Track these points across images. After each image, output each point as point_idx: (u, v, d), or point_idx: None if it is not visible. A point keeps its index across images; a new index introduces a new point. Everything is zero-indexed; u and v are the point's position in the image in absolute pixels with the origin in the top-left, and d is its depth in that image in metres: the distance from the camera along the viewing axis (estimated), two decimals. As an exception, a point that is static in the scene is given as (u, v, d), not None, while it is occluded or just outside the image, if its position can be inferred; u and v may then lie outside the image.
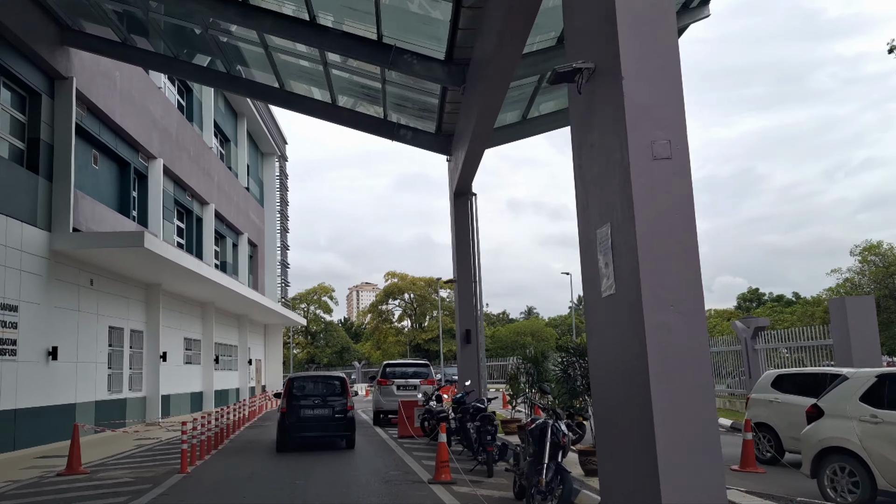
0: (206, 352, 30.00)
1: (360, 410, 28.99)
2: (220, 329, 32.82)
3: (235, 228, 36.10)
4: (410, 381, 20.92)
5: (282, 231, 44.92)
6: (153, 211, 23.96)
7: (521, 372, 14.19)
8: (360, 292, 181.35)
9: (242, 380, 36.59)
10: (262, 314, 37.83)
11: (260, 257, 41.75)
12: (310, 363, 67.02)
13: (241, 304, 32.09)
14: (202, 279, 23.47)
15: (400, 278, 61.71)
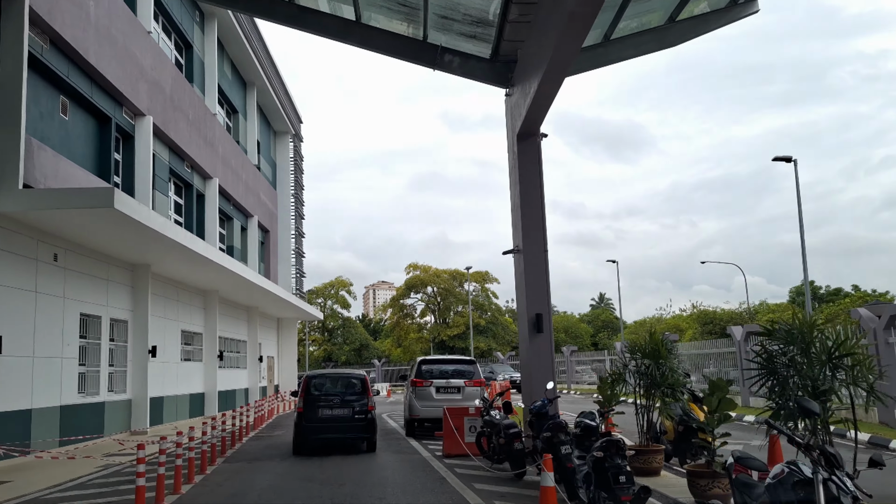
0: (209, 347, 26.12)
1: (385, 415, 25.03)
2: (226, 322, 28.96)
3: (244, 210, 32.23)
4: (453, 381, 16.86)
5: (296, 217, 41.01)
6: (141, 178, 20.08)
7: (630, 372, 9.98)
8: (376, 291, 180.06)
9: (252, 379, 32.73)
10: (275, 306, 33.97)
11: (272, 244, 37.89)
12: (327, 361, 63.18)
13: (249, 293, 28.22)
14: (200, 259, 19.56)
15: (422, 270, 57.66)
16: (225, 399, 28.49)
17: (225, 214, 29.94)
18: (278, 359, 40.05)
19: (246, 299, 30.21)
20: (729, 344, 25.47)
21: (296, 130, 42.37)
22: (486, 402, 11.70)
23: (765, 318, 34.54)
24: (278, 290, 30.03)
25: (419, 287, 57.73)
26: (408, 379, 19.55)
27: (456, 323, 55.21)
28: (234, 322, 30.46)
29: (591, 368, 42.60)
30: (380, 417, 23.78)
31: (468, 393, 16.62)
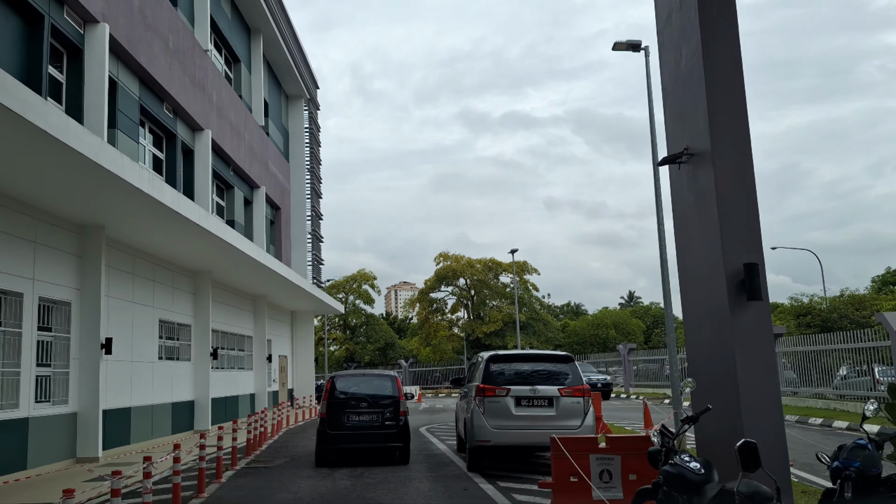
0: (199, 343, 20.59)
1: (423, 429, 19.35)
2: (224, 312, 23.44)
3: (248, 178, 26.70)
4: (541, 389, 11.02)
5: (313, 195, 35.43)
6: (93, 107, 14.55)
7: None
8: (398, 292, 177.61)
9: (260, 382, 27.20)
10: (287, 295, 28.42)
11: (284, 224, 32.35)
12: (349, 361, 57.64)
13: (253, 275, 22.70)
14: (175, 219, 14.04)
15: (454, 260, 51.83)
16: (223, 407, 22.95)
17: (223, 181, 24.43)
18: (293, 359, 34.53)
19: (250, 285, 24.69)
20: (875, 335, 19.40)
21: (311, 95, 36.82)
22: (666, 436, 5.84)
23: (889, 304, 28.35)
24: (290, 273, 24.44)
25: (450, 279, 51.89)
26: (465, 384, 13.88)
27: (492, 318, 49.32)
28: (236, 313, 24.94)
29: (674, 371, 36.59)
30: (416, 433, 18.17)
31: (565, 407, 10.83)
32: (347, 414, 12.29)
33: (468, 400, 12.03)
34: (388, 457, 12.91)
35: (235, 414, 24.24)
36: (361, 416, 12.33)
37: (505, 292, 50.67)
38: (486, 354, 12.09)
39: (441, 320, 54.32)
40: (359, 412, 12.35)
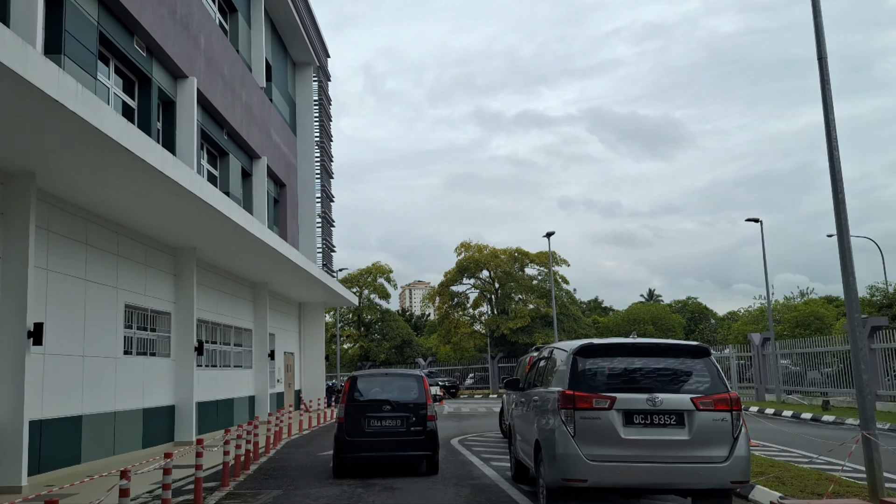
0: (181, 335, 16.88)
1: (455, 442, 15.54)
2: (214, 299, 19.76)
3: (246, 146, 23.00)
4: (664, 398, 7.00)
5: (323, 174, 31.68)
6: (22, 21, 10.85)
7: None
8: (412, 291, 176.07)
9: (260, 383, 23.49)
10: (293, 282, 24.71)
11: (289, 203, 28.64)
12: (363, 360, 53.97)
13: (251, 256, 19.02)
14: (124, 158, 10.31)
15: (476, 250, 47.88)
16: (213, 413, 19.26)
17: (215, 145, 20.74)
18: (300, 356, 30.83)
19: (248, 268, 20.98)
20: None
21: (321, 63, 33.07)
22: None
23: None
24: (295, 255, 20.67)
25: (472, 270, 47.92)
26: (523, 387, 10.04)
27: (519, 313, 45.31)
28: (231, 302, 21.24)
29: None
30: (447, 447, 14.49)
31: (704, 427, 6.85)
32: (368, 419, 10.99)
33: (536, 412, 8.20)
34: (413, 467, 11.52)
35: (229, 421, 20.54)
36: (384, 422, 11.03)
37: (532, 285, 46.70)
38: (568, 345, 8.18)
39: (462, 316, 50.42)
40: (381, 417, 11.02)
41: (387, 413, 11.01)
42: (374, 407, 11.05)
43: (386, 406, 11.05)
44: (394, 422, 11.01)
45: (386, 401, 11.13)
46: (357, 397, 11.28)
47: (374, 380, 11.87)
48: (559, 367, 7.84)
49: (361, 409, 11.06)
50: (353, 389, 11.38)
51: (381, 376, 12.15)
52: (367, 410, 11.03)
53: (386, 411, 11.02)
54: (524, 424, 9.16)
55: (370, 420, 10.97)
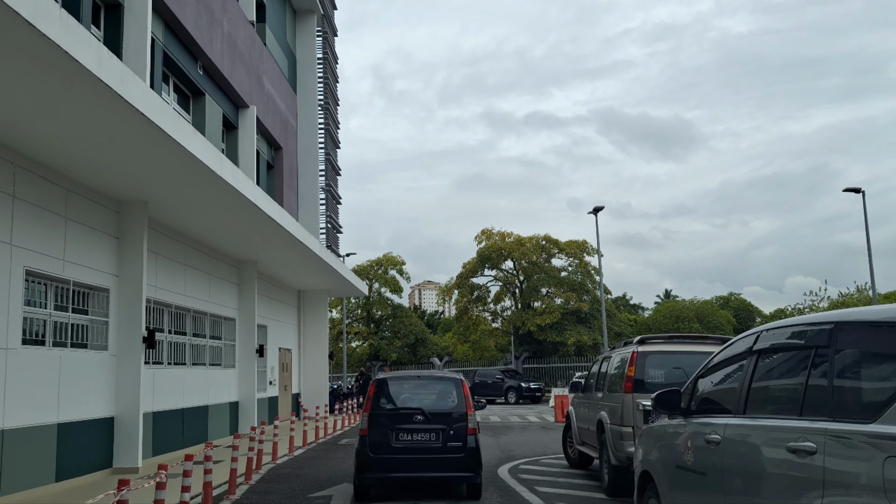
0: (125, 320, 12.27)
1: (504, 473, 10.82)
2: (179, 275, 15.14)
3: (229, 88, 18.43)
4: None
5: (328, 141, 27.04)
6: None
7: None
8: (422, 291, 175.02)
9: (246, 385, 18.87)
10: (289, 261, 20.11)
11: (287, 171, 24.03)
12: (373, 360, 49.33)
13: (228, 217, 14.43)
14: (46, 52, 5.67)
15: (500, 238, 43.13)
16: (177, 426, 14.66)
17: (185, 79, 16.16)
18: (300, 353, 26.20)
19: (228, 238, 16.38)
20: None
21: (326, 12, 28.41)
22: None
23: None
24: (288, 221, 15.99)
25: (494, 260, 43.14)
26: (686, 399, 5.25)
27: (548, 308, 40.50)
28: (205, 281, 16.64)
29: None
30: (492, 477, 10.23)
31: None
32: (396, 431, 9.21)
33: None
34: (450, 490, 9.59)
35: (201, 435, 15.95)
36: (415, 435, 9.20)
37: (561, 277, 41.90)
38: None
39: (482, 311, 45.69)
40: (412, 429, 9.21)
41: (419, 424, 9.21)
42: (404, 417, 9.29)
43: (418, 416, 9.25)
44: (427, 435, 9.18)
45: (418, 409, 9.33)
46: (383, 405, 9.54)
47: (403, 383, 10.08)
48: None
49: (388, 418, 9.35)
50: (378, 394, 9.62)
51: (412, 379, 10.33)
52: (395, 421, 9.28)
53: (418, 422, 9.22)
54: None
55: (398, 433, 9.19)
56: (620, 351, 9.77)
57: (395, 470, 9.07)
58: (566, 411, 12.55)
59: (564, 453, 12.43)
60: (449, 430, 9.13)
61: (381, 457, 9.08)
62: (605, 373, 10.23)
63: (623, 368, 9.06)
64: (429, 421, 9.17)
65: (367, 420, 9.33)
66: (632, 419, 8.55)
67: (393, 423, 9.20)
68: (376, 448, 9.12)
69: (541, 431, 19.08)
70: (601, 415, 9.53)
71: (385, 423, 9.23)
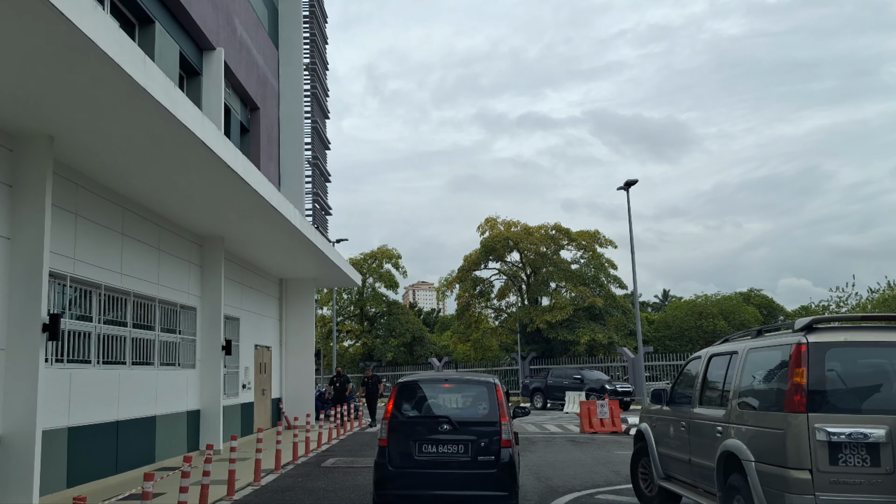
0: (16, 305, 8.71)
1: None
2: (108, 245, 11.58)
3: (189, 22, 14.90)
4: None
5: (314, 108, 23.51)
6: None
7: None
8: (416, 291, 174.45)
9: (209, 390, 15.30)
10: (265, 239, 16.57)
11: (265, 137, 20.48)
12: (367, 359, 45.75)
13: (182, 170, 10.89)
14: None
15: (505, 227, 39.63)
16: (108, 444, 11.12)
17: (129, 1, 12.60)
18: (282, 352, 22.63)
19: (184, 204, 12.83)
20: None
21: (314, -39, 24.88)
22: None
23: None
24: (261, 183, 12.43)
25: (500, 251, 39.62)
26: None
27: (560, 303, 36.98)
28: (152, 258, 13.07)
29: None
30: None
31: None
32: (419, 442, 7.99)
33: None
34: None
35: (148, 454, 12.39)
36: (440, 447, 7.97)
37: (572, 270, 38.42)
38: None
39: (485, 307, 42.19)
40: (437, 440, 7.96)
41: (445, 435, 7.95)
42: (428, 425, 8.09)
43: (444, 425, 8.02)
44: (454, 447, 7.93)
45: (444, 417, 8.12)
46: (405, 411, 8.38)
47: (428, 387, 8.81)
48: None
49: (411, 427, 8.16)
50: (400, 400, 8.46)
51: (437, 383, 8.92)
52: (418, 430, 8.09)
53: (444, 432, 7.97)
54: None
55: (422, 444, 8.00)
56: (761, 343, 6.27)
57: (417, 486, 7.96)
58: (637, 428, 9.03)
59: (635, 487, 8.92)
60: (479, 442, 7.93)
61: (402, 471, 8.02)
62: (723, 377, 6.73)
63: (781, 372, 5.57)
64: (456, 431, 7.99)
65: (386, 428, 8.21)
66: (808, 458, 5.08)
67: (416, 433, 8.11)
68: (397, 461, 8.06)
69: (573, 447, 15.60)
70: (731, 445, 6.02)
71: (407, 432, 8.16)
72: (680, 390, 7.88)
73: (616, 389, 27.70)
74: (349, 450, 15.50)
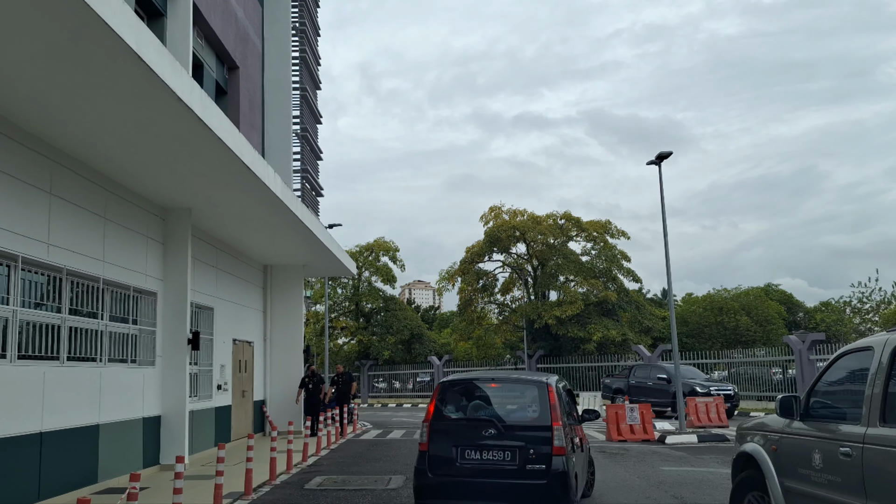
0: None
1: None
2: (29, 206, 9.01)
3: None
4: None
5: (304, 75, 20.98)
6: None
7: None
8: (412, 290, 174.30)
9: (173, 392, 12.74)
10: (241, 211, 14.04)
11: (245, 103, 17.93)
12: (363, 358, 43.20)
13: (131, 113, 8.32)
14: None
15: (511, 216, 37.07)
16: (21, 463, 8.53)
17: None
18: (267, 348, 20.06)
19: (138, 162, 10.30)
20: None
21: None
22: None
23: None
24: (231, 135, 9.93)
25: (505, 242, 37.06)
26: None
27: (570, 297, 34.44)
28: (86, 225, 10.52)
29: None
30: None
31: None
32: (462, 447, 7.30)
33: None
34: None
35: (89, 472, 9.85)
36: (485, 453, 7.24)
37: (582, 263, 35.90)
38: None
39: (489, 302, 39.65)
40: (481, 445, 7.22)
41: (490, 440, 7.21)
42: (472, 429, 7.38)
43: (489, 429, 7.27)
44: (500, 454, 7.17)
45: (488, 420, 7.37)
46: (448, 413, 7.68)
47: (473, 387, 7.98)
48: None
49: (453, 431, 7.50)
50: (442, 400, 7.73)
51: (484, 382, 8.02)
52: (460, 434, 7.41)
53: (489, 437, 7.23)
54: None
55: (465, 449, 7.29)
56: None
57: (458, 497, 7.32)
58: (741, 451, 6.50)
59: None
60: (528, 449, 7.18)
61: (443, 479, 7.38)
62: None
63: None
64: (502, 435, 7.30)
65: (427, 431, 7.60)
66: None
67: (458, 437, 7.46)
68: (437, 467, 7.43)
69: (607, 461, 13.07)
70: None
71: (449, 436, 7.52)
72: (827, 400, 5.37)
73: (709, 392, 22.00)
74: (340, 464, 12.97)
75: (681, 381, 19.26)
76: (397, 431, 19.81)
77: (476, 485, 7.17)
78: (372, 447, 15.87)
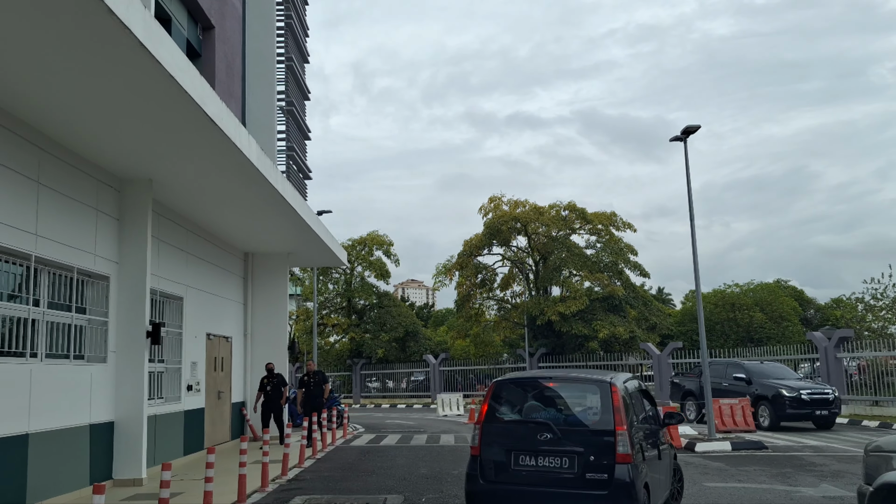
0: None
1: None
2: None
3: None
4: None
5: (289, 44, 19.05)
6: None
7: None
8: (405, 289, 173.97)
9: (129, 394, 10.82)
10: (211, 184, 12.13)
11: (222, 68, 16.02)
12: (356, 356, 41.28)
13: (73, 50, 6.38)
14: None
15: (511, 206, 35.18)
16: None
17: None
18: (247, 344, 18.15)
19: (75, 109, 8.38)
20: None
21: None
22: None
23: None
24: (191, 78, 8.06)
25: (505, 234, 35.16)
26: None
27: (575, 292, 32.57)
28: (12, 191, 8.62)
29: None
30: None
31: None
32: (515, 452, 6.75)
33: None
34: None
35: (14, 496, 7.91)
36: (541, 459, 6.61)
37: (587, 256, 34.05)
38: None
39: (488, 298, 37.78)
40: (536, 450, 6.64)
41: (545, 445, 6.59)
42: (527, 432, 6.79)
43: (544, 432, 6.64)
44: (556, 460, 6.52)
45: (545, 423, 6.74)
46: (501, 415, 7.12)
47: (530, 386, 7.43)
48: None
49: (507, 434, 6.98)
50: (495, 401, 7.19)
51: (542, 381, 7.55)
52: (515, 437, 6.88)
53: (544, 441, 6.61)
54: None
55: (519, 454, 6.75)
56: None
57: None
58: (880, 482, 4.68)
59: None
60: (589, 455, 6.42)
61: (496, 486, 6.79)
62: None
63: None
64: (560, 440, 6.54)
65: (479, 435, 6.97)
66: None
67: (512, 441, 6.82)
68: (490, 473, 6.82)
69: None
70: None
71: (502, 440, 6.90)
72: None
73: (800, 397, 18.03)
74: (326, 479, 11.07)
75: (760, 381, 17.98)
76: (392, 436, 17.94)
77: (531, 493, 6.62)
78: (364, 456, 14.00)
